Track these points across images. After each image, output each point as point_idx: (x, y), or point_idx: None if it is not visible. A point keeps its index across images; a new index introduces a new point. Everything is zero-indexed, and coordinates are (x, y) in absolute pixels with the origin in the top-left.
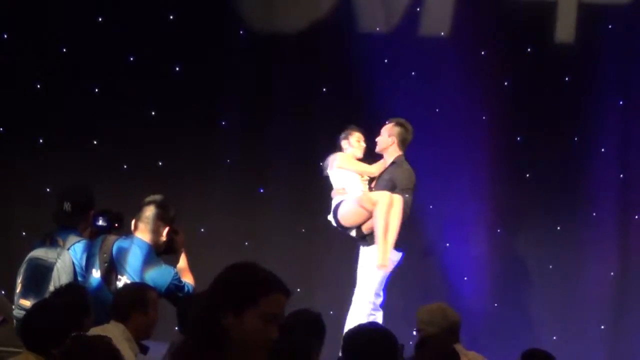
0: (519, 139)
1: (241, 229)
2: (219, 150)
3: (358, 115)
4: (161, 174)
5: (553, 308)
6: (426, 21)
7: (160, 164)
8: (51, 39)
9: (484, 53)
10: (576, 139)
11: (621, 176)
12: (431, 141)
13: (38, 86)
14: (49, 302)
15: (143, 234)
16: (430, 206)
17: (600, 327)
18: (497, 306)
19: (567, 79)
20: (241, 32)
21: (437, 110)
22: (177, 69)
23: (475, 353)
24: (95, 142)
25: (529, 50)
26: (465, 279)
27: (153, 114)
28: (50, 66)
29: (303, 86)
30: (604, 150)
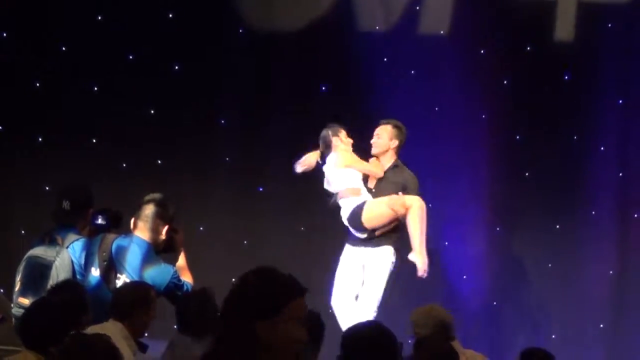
0: (518, 137)
1: (240, 227)
2: (218, 148)
3: (357, 114)
4: (160, 173)
5: (552, 307)
6: (425, 20)
7: (159, 162)
8: (50, 38)
9: (483, 52)
10: (575, 137)
11: (620, 175)
12: (430, 140)
13: (37, 84)
14: (46, 300)
15: (142, 232)
16: (429, 205)
17: (600, 325)
18: (496, 305)
19: (566, 77)
20: (240, 30)
21: (436, 109)
22: (177, 67)
23: (473, 351)
24: (95, 141)
25: (529, 48)
26: (464, 277)
27: (152, 112)
28: (49, 65)
29: (302, 85)
30: (603, 148)
